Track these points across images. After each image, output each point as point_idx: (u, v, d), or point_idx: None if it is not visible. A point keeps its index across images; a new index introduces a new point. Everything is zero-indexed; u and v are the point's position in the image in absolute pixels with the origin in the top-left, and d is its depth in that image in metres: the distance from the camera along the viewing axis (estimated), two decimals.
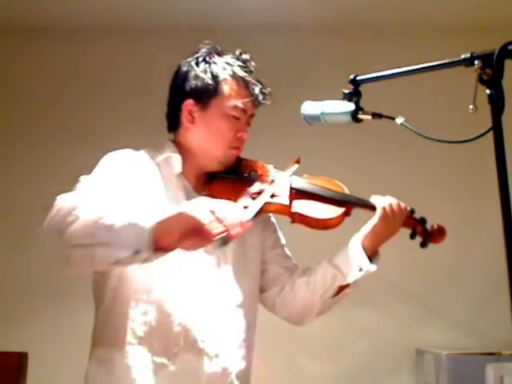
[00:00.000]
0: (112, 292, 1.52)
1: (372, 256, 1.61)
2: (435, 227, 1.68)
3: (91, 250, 1.26)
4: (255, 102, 1.63)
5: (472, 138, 1.21)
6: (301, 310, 1.68)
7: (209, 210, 1.26)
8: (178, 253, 1.30)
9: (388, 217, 1.60)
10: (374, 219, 1.61)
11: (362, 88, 1.42)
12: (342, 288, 1.64)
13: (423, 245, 1.68)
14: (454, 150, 2.65)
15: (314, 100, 1.54)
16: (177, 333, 1.48)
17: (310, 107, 1.53)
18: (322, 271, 1.65)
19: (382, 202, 1.62)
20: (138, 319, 1.48)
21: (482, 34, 2.59)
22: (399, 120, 1.34)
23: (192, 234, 1.25)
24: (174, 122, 1.67)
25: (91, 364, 1.54)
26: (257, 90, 1.62)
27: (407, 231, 1.68)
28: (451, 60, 1.22)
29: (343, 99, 1.45)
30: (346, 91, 1.43)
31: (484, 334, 2.99)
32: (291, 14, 3.13)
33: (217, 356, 1.51)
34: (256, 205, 1.45)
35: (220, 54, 1.65)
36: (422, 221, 1.69)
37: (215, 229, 1.24)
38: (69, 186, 1.44)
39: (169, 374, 1.47)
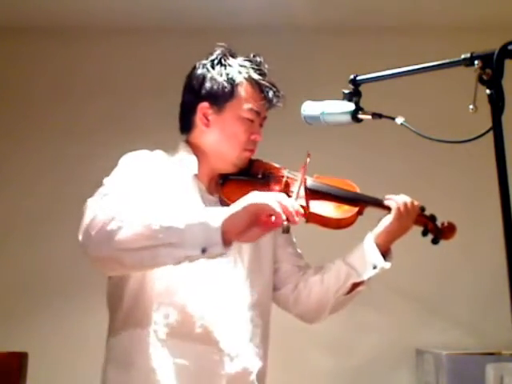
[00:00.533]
0: (132, 295, 1.52)
1: (385, 253, 1.63)
2: (446, 224, 1.71)
3: (153, 251, 1.28)
4: (269, 105, 1.65)
5: (472, 138, 1.21)
6: (315, 308, 1.70)
7: (271, 199, 1.29)
8: None
9: (402, 215, 1.62)
10: (389, 218, 1.63)
11: (361, 88, 1.42)
12: (355, 286, 1.66)
13: (434, 241, 1.71)
14: (455, 149, 2.66)
15: (314, 100, 1.54)
16: (198, 334, 1.50)
17: (309, 107, 1.53)
18: (336, 269, 1.67)
19: (396, 200, 1.64)
20: (161, 322, 1.49)
21: (482, 33, 2.59)
22: (399, 120, 1.34)
23: (258, 223, 1.29)
24: (187, 124, 1.67)
25: (110, 367, 1.54)
26: (271, 93, 1.65)
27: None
28: (451, 60, 1.21)
29: (343, 99, 1.45)
30: (346, 91, 1.44)
31: (484, 334, 2.99)
32: (291, 15, 3.13)
33: (237, 356, 1.53)
34: (302, 198, 1.49)
35: (234, 56, 1.66)
36: (433, 218, 1.72)
37: (282, 216, 1.28)
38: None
39: (191, 376, 1.49)
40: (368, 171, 3.01)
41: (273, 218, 1.29)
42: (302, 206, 1.52)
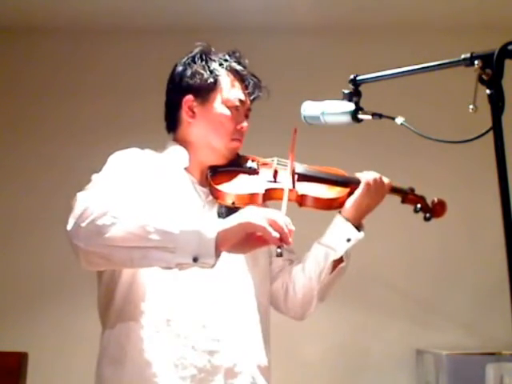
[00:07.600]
0: (125, 289, 1.51)
1: (357, 227, 1.65)
2: (436, 201, 1.77)
3: (144, 252, 1.28)
4: (251, 95, 1.69)
5: (472, 138, 1.22)
6: (301, 298, 1.70)
7: (267, 219, 1.30)
8: None
9: (371, 190, 1.66)
10: (358, 192, 1.66)
11: (361, 88, 1.43)
12: (336, 264, 1.67)
13: (426, 218, 1.75)
14: (454, 150, 2.66)
15: (314, 100, 1.54)
16: (193, 327, 1.49)
17: (310, 107, 1.54)
18: (314, 253, 1.68)
19: (365, 176, 1.68)
20: (154, 314, 1.48)
21: (482, 33, 2.59)
22: (399, 120, 1.34)
23: (251, 238, 1.31)
24: (173, 121, 1.69)
25: (104, 363, 1.53)
26: (252, 84, 1.69)
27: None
28: (451, 60, 1.22)
29: (343, 99, 1.45)
30: (346, 91, 1.44)
31: (484, 334, 2.99)
32: (291, 15, 3.13)
33: (235, 349, 1.52)
34: (285, 203, 1.48)
35: (213, 53, 1.70)
36: (423, 197, 1.77)
37: (274, 236, 1.28)
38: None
39: (187, 368, 1.47)
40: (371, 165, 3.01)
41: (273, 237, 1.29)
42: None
